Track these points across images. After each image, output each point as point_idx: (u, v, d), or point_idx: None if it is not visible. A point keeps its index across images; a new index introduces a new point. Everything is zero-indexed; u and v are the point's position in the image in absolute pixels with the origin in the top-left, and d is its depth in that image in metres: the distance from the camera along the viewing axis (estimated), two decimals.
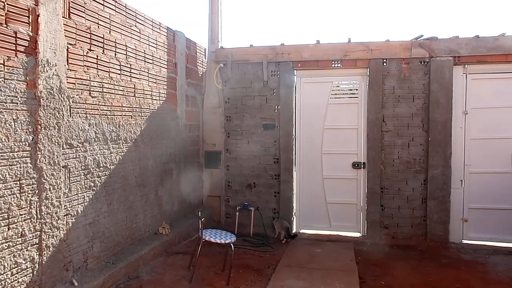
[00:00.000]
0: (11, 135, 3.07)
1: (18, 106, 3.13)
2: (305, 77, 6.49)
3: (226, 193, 6.73)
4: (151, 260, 4.92)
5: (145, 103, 5.01)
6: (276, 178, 6.50)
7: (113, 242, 4.44)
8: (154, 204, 5.32)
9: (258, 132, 6.56)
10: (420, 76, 5.98)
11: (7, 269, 3.07)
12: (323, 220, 6.47)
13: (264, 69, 6.45)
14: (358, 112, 6.29)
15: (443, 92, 5.85)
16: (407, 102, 6.02)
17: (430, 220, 5.93)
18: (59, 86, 3.54)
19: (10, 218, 3.08)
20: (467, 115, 5.93)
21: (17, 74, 3.12)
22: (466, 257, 5.39)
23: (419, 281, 4.55)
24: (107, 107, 4.26)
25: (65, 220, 3.67)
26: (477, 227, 5.95)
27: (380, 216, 6.11)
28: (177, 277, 4.56)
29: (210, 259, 5.03)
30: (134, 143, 4.79)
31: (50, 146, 3.44)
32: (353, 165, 6.33)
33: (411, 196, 6.04)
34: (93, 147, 4.04)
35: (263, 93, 6.53)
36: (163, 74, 5.45)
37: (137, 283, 4.32)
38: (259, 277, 4.66)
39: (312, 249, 5.69)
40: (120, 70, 4.49)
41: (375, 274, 4.77)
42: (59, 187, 3.56)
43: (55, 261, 3.55)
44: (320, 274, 4.72)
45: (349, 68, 6.26)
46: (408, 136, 6.03)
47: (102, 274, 4.01)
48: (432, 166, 5.90)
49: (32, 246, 3.30)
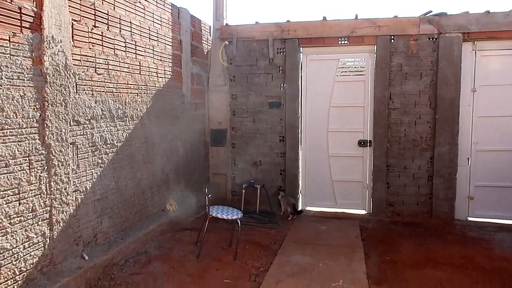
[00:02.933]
0: (19, 111, 3.09)
1: (25, 82, 3.13)
2: (311, 54, 6.41)
3: (232, 171, 6.76)
4: (159, 236, 5.00)
5: (150, 81, 4.99)
6: (282, 156, 6.52)
7: (121, 218, 4.51)
8: (161, 181, 5.37)
9: (263, 110, 6.54)
10: (428, 53, 5.88)
11: (19, 243, 3.13)
12: (328, 197, 6.50)
13: (269, 46, 6.38)
14: (365, 90, 6.23)
15: (452, 69, 5.76)
16: (414, 79, 5.94)
17: (436, 198, 5.94)
18: (65, 62, 3.53)
19: (21, 193, 3.13)
20: (475, 92, 5.86)
21: (22, 51, 3.11)
22: (471, 234, 5.42)
23: (424, 257, 4.59)
24: (113, 85, 4.25)
25: (74, 196, 3.72)
26: (483, 204, 5.96)
27: (385, 194, 6.13)
28: (184, 252, 4.65)
29: (217, 235, 5.10)
30: (140, 120, 4.80)
31: (58, 123, 3.46)
32: (359, 143, 6.31)
33: (417, 174, 6.04)
34: (100, 124, 4.06)
35: (269, 71, 6.48)
36: (168, 52, 5.41)
37: (146, 258, 4.41)
38: (266, 252, 4.73)
39: (317, 226, 5.75)
40: (125, 47, 4.46)
41: (380, 250, 4.82)
42: (67, 164, 3.60)
43: (66, 235, 3.62)
44: (325, 250, 4.78)
45: (356, 45, 6.18)
46: (415, 114, 5.98)
47: (112, 249, 4.10)
48: (439, 144, 5.87)
49: (42, 221, 3.36)
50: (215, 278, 4.01)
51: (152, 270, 4.13)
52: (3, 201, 2.97)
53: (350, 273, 4.10)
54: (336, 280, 3.92)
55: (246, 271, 4.19)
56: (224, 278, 4.00)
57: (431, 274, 4.13)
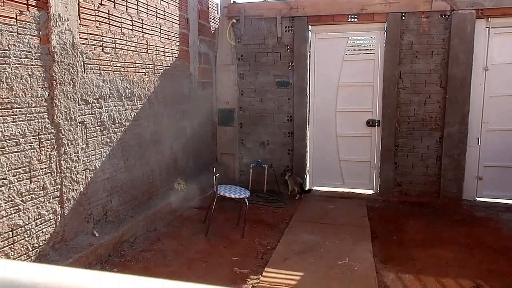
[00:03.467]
0: (28, 90, 3.10)
1: (32, 61, 3.13)
2: (320, 32, 6.31)
3: (240, 150, 6.78)
4: (168, 214, 5.08)
5: (158, 60, 4.97)
6: (289, 135, 6.51)
7: (130, 196, 4.57)
8: (170, 160, 5.41)
9: (271, 89, 6.50)
10: (440, 30, 5.75)
11: (32, 220, 3.20)
12: (336, 177, 6.51)
13: (278, 24, 6.28)
14: (374, 69, 6.15)
15: (464, 47, 5.64)
16: (425, 58, 5.84)
17: (444, 178, 5.92)
18: (72, 41, 3.52)
19: (32, 171, 3.18)
20: (487, 71, 5.74)
21: (30, 29, 3.10)
22: (479, 214, 5.41)
23: (431, 237, 4.61)
24: (120, 64, 4.24)
25: (84, 175, 3.77)
26: (492, 185, 5.93)
27: (393, 174, 6.12)
28: (193, 230, 4.72)
29: (225, 214, 5.16)
30: (148, 100, 4.80)
31: (66, 102, 3.48)
32: (367, 122, 6.27)
33: (426, 154, 6.00)
34: (108, 104, 4.07)
35: (277, 50, 6.40)
36: (175, 30, 5.36)
37: (155, 235, 4.49)
38: (273, 231, 4.79)
39: (324, 205, 5.78)
40: (132, 26, 4.42)
41: (387, 229, 4.84)
42: (76, 143, 3.63)
43: (76, 213, 3.69)
44: (332, 229, 4.82)
45: (366, 23, 6.06)
46: (425, 93, 5.90)
47: (122, 227, 4.17)
48: (449, 124, 5.81)
49: (53, 198, 3.42)
50: (222, 255, 4.08)
51: (161, 247, 4.21)
52: (14, 179, 3.02)
53: (356, 251, 4.14)
54: (342, 258, 3.96)
55: (253, 249, 4.25)
56: (232, 256, 4.06)
57: (438, 254, 4.15)
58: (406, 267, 3.84)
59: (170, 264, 3.86)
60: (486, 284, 3.53)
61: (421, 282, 3.57)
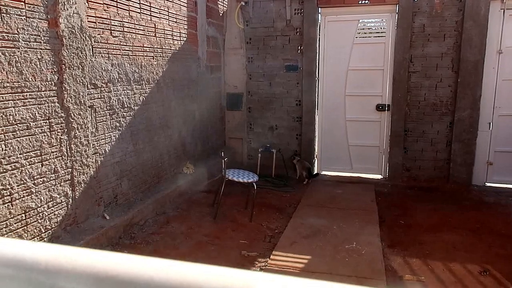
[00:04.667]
0: (37, 74, 3.12)
1: (41, 45, 3.14)
2: (330, 15, 6.21)
3: (248, 135, 6.78)
4: (177, 198, 5.13)
5: (166, 44, 4.95)
6: (298, 120, 6.48)
7: (140, 180, 4.62)
8: (178, 144, 5.44)
9: (280, 73, 6.45)
10: (454, 12, 5.62)
11: (44, 203, 3.26)
12: (344, 162, 6.50)
13: (287, 7, 6.20)
14: (385, 52, 6.05)
15: (477, 30, 5.52)
16: (437, 41, 5.73)
17: (454, 163, 5.87)
18: (80, 25, 3.51)
19: (43, 155, 3.22)
20: (501, 54, 5.62)
21: (38, 12, 3.10)
22: (488, 199, 5.38)
23: (439, 221, 4.61)
24: (128, 47, 4.23)
25: (94, 158, 3.81)
26: (502, 170, 5.86)
27: (402, 159, 6.08)
28: (201, 213, 4.77)
29: (233, 198, 5.20)
30: (156, 84, 4.80)
31: (75, 86, 3.49)
32: (377, 107, 6.21)
33: (436, 139, 5.95)
34: (116, 88, 4.08)
35: (286, 33, 6.33)
36: (183, 13, 5.32)
37: (164, 218, 4.55)
38: (281, 215, 4.82)
39: (332, 190, 5.79)
40: (139, 9, 4.40)
41: (395, 214, 4.85)
42: (86, 127, 3.66)
43: (87, 196, 3.74)
44: (340, 213, 4.83)
45: (377, 5, 5.94)
46: (436, 77, 5.81)
47: (132, 210, 4.23)
48: (460, 109, 5.73)
49: (65, 182, 3.47)
50: (231, 238, 4.13)
51: (170, 230, 4.27)
52: (26, 163, 3.06)
53: (364, 235, 4.16)
54: (350, 242, 3.98)
55: (261, 233, 4.29)
56: (240, 239, 4.11)
57: (445, 238, 4.15)
58: (413, 251, 3.86)
59: (179, 246, 3.92)
60: (493, 268, 3.53)
61: (428, 266, 3.58)
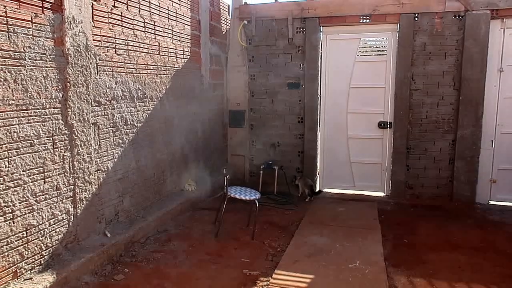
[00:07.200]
0: (42, 92, 3.15)
1: (47, 63, 3.18)
2: (331, 33, 6.28)
3: (250, 152, 6.78)
4: (178, 215, 5.10)
5: (169, 61, 5.00)
6: (300, 137, 6.49)
7: (142, 197, 4.61)
8: (180, 161, 5.44)
9: (282, 91, 6.49)
10: (454, 31, 5.68)
11: (45, 220, 3.25)
12: (347, 179, 6.47)
13: (289, 25, 6.27)
14: (386, 70, 6.10)
15: (478, 48, 5.56)
16: (438, 59, 5.77)
17: (457, 181, 5.84)
18: (86, 43, 3.56)
19: (46, 172, 3.22)
20: (502, 72, 5.65)
21: (44, 31, 3.14)
22: (492, 218, 5.33)
23: (443, 240, 4.55)
24: (132, 65, 4.28)
25: (96, 176, 3.81)
26: (506, 188, 5.83)
27: (405, 176, 6.06)
28: (203, 231, 4.73)
29: (235, 215, 5.16)
30: (159, 101, 4.83)
31: (80, 103, 3.52)
32: (379, 124, 6.22)
33: (438, 157, 5.93)
34: (120, 105, 4.11)
35: (288, 51, 6.39)
36: (186, 32, 5.39)
37: (166, 236, 4.51)
38: (283, 233, 4.78)
39: (335, 207, 5.75)
40: (144, 28, 4.46)
41: (398, 232, 4.80)
42: (89, 144, 3.67)
43: (89, 213, 3.73)
44: (343, 231, 4.78)
45: (378, 24, 6.01)
46: (438, 95, 5.83)
47: (133, 227, 4.21)
48: (462, 126, 5.73)
49: (66, 199, 3.46)
50: (233, 256, 4.09)
51: (172, 248, 4.23)
52: (29, 179, 3.06)
53: (367, 254, 4.11)
54: (353, 261, 3.93)
55: (263, 251, 4.25)
56: (242, 257, 4.06)
57: (450, 257, 4.10)
58: (417, 270, 3.80)
59: (181, 264, 3.88)
60: None
61: (433, 286, 3.53)
